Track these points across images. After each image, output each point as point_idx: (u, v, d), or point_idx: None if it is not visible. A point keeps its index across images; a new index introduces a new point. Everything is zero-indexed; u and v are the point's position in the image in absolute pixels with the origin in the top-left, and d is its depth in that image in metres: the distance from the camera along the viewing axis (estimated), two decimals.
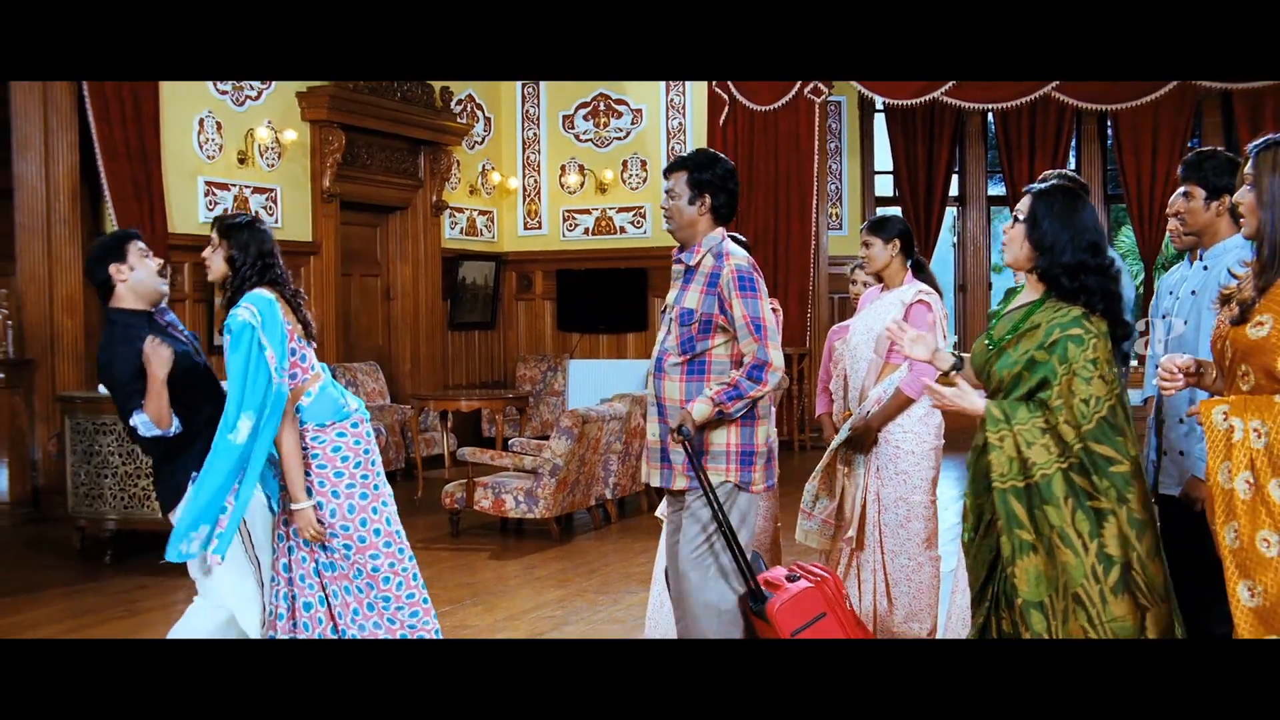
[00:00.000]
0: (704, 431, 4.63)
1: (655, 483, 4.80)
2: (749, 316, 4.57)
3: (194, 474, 4.60)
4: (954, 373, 3.89)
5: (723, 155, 4.80)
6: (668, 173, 4.78)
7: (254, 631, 4.76)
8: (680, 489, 4.71)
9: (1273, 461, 3.10)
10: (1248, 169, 3.31)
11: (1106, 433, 3.52)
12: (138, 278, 4.73)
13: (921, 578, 5.44)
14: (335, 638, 4.80)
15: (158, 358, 4.53)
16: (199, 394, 4.72)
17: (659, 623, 5.50)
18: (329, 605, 4.79)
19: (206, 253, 4.80)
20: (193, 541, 4.52)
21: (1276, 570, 3.06)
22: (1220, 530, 3.17)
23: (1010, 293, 3.97)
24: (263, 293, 4.67)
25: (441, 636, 4.98)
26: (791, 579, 4.74)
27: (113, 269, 4.71)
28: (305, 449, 4.69)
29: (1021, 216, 3.73)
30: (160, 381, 4.53)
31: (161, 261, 4.87)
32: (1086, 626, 3.52)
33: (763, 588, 4.68)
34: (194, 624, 4.79)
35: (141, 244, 4.81)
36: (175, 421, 4.57)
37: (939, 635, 5.48)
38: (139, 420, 4.56)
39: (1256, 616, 3.10)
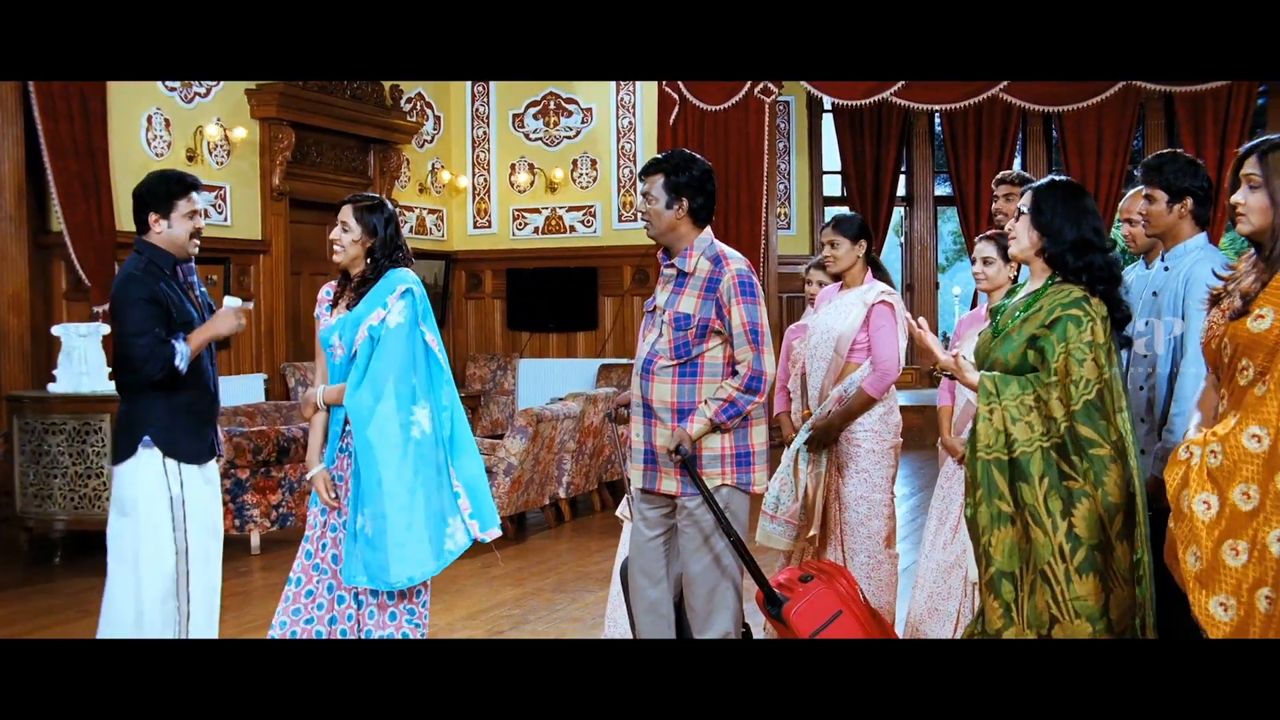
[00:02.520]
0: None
1: (639, 484, 4.74)
2: (748, 323, 4.53)
3: (146, 437, 4.71)
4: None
5: (699, 156, 4.71)
6: (643, 175, 4.68)
7: (151, 604, 4.74)
8: (669, 492, 4.67)
9: (1233, 469, 3.15)
10: (1250, 169, 3.35)
11: (1092, 415, 3.66)
12: (172, 234, 4.81)
13: (881, 575, 5.48)
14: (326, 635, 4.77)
15: (228, 324, 4.81)
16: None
17: (618, 621, 5.50)
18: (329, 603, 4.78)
19: (336, 233, 4.78)
20: (452, 538, 4.65)
21: (1245, 577, 3.09)
22: (1183, 554, 3.21)
23: (1013, 292, 4.08)
24: (412, 273, 4.75)
25: None
26: (804, 579, 4.76)
27: (151, 218, 4.81)
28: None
29: (1025, 209, 3.90)
30: (211, 338, 4.81)
31: (200, 226, 4.92)
32: (1050, 603, 3.67)
33: (777, 591, 4.70)
34: (118, 607, 4.79)
35: (196, 200, 4.86)
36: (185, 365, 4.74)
37: (898, 632, 5.53)
38: (181, 349, 4.67)
39: (1235, 631, 3.12)
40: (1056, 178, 4.00)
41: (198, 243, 4.90)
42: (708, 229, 4.70)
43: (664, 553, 4.78)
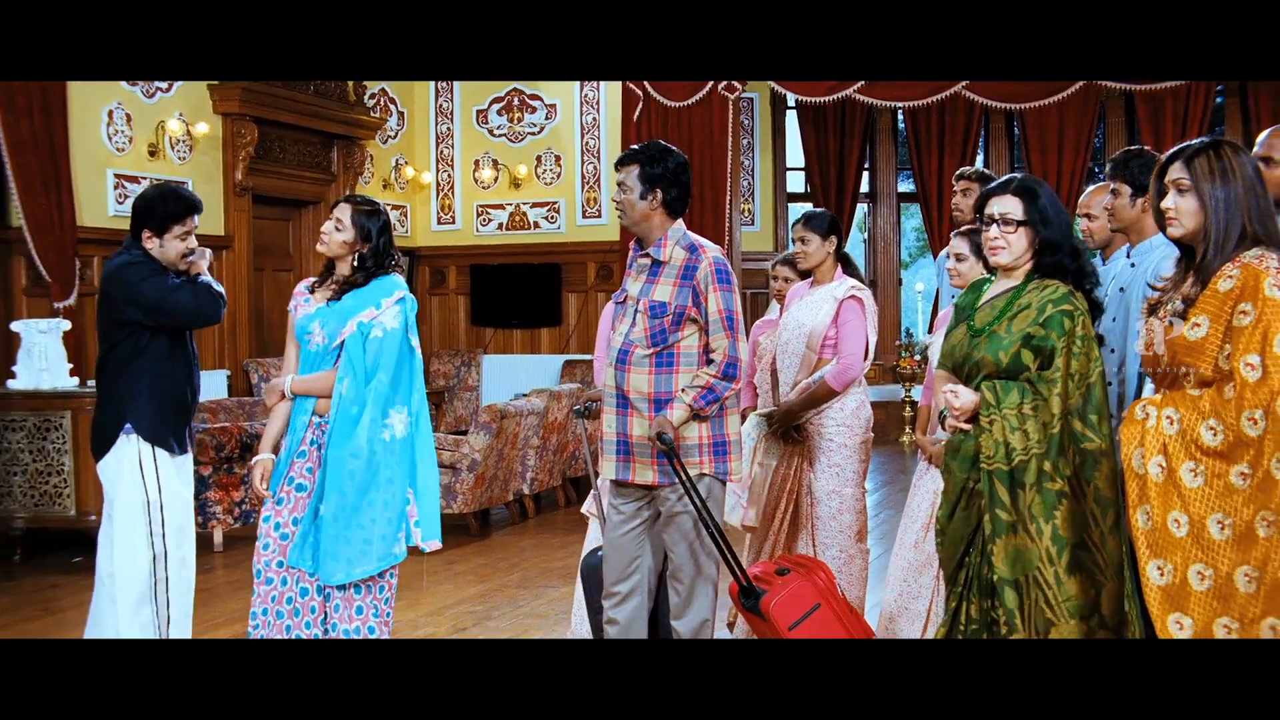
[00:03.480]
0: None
1: (612, 476, 4.75)
2: (724, 310, 4.58)
3: (127, 424, 4.77)
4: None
5: (675, 148, 4.75)
6: (619, 165, 4.72)
7: (125, 610, 4.73)
8: (646, 483, 4.68)
9: (1185, 445, 3.25)
10: (1177, 175, 3.42)
11: (1086, 410, 3.67)
12: (162, 252, 4.95)
13: (852, 570, 5.51)
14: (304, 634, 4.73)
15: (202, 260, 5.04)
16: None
17: (585, 618, 5.50)
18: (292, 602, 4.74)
19: (327, 227, 4.75)
20: (397, 544, 4.65)
21: (1185, 550, 3.22)
22: (1133, 513, 3.33)
23: (975, 285, 4.07)
24: (403, 279, 4.76)
25: None
26: (781, 573, 4.77)
27: (145, 234, 4.93)
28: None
29: (1019, 218, 3.85)
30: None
31: (193, 246, 5.04)
32: (1045, 607, 3.65)
33: (755, 585, 4.71)
34: (101, 613, 4.79)
35: (192, 224, 5.00)
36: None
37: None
38: (216, 286, 4.91)
39: (1164, 594, 3.26)
40: (1025, 177, 3.98)
41: (190, 260, 4.96)
42: (680, 220, 4.74)
43: (637, 545, 4.77)
